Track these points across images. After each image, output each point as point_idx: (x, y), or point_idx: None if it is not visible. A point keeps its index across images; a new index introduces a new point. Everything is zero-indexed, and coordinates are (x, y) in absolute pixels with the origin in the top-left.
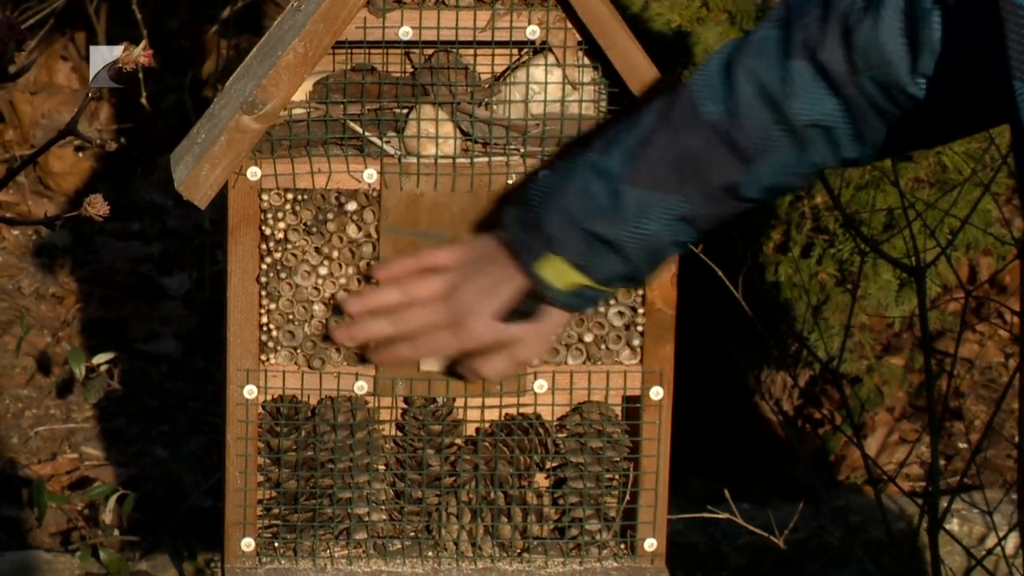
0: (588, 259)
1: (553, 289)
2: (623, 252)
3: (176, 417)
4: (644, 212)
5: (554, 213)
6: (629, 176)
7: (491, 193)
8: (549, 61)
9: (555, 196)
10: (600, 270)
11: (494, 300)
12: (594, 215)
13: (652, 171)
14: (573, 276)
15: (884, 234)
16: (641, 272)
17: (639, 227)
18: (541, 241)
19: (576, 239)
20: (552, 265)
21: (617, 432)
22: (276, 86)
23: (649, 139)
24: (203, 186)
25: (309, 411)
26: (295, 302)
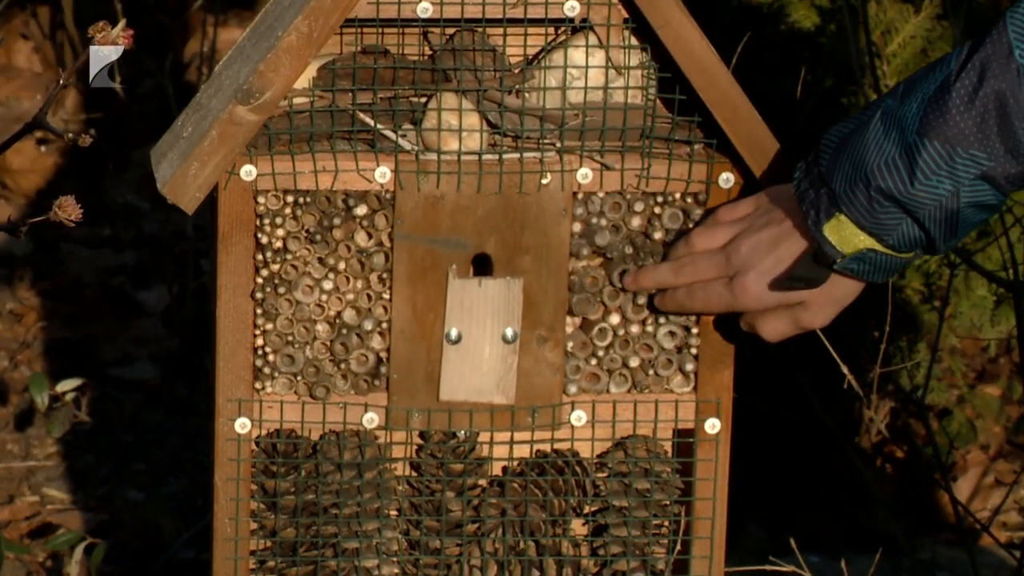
0: (876, 221)
1: (836, 252)
2: (916, 214)
3: (154, 454)
4: (940, 168)
5: (841, 167)
6: (925, 127)
7: (522, 195)
8: (590, 42)
9: (845, 147)
10: (890, 234)
11: (773, 258)
12: (883, 170)
13: (950, 121)
14: (859, 239)
15: (978, 243)
16: (937, 240)
17: (933, 185)
18: (830, 199)
19: (862, 197)
20: (839, 226)
21: (667, 471)
22: (275, 72)
23: (951, 84)
24: (191, 187)
25: (310, 448)
26: (295, 321)
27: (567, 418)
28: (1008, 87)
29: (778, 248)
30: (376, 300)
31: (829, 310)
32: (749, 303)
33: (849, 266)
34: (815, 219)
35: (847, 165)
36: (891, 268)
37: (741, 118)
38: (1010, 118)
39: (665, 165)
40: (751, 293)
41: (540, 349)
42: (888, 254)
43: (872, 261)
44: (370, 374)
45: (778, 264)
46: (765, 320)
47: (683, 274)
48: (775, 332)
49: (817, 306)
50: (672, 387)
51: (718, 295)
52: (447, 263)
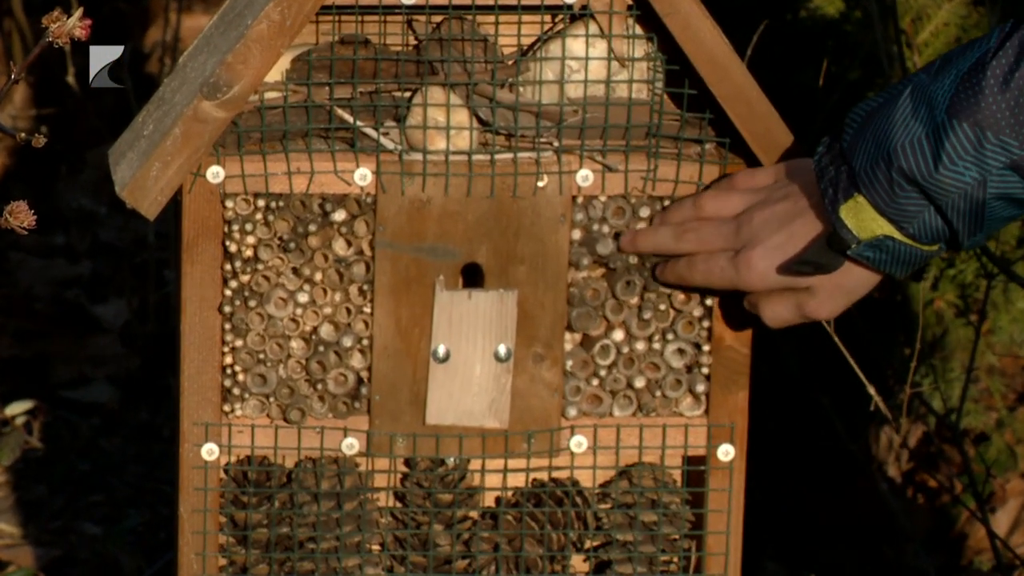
0: (897, 206)
1: (852, 237)
2: (938, 202)
3: (112, 484)
4: (967, 153)
5: (864, 144)
6: (955, 107)
7: (516, 199)
8: (591, 31)
9: (870, 123)
10: (911, 221)
11: (784, 234)
12: (907, 150)
13: (982, 103)
14: (877, 224)
15: (1017, 251)
16: (960, 234)
17: (959, 172)
18: (849, 178)
19: (883, 178)
20: (857, 209)
21: (675, 502)
22: (244, 63)
23: (987, 63)
24: (152, 190)
25: (284, 476)
26: (267, 338)
27: (566, 444)
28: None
29: (791, 224)
30: (356, 314)
31: (837, 300)
32: (753, 281)
33: (864, 253)
34: (832, 199)
35: (870, 142)
36: (911, 260)
37: (756, 115)
38: None
39: (673, 166)
40: (756, 270)
41: (536, 368)
42: (908, 244)
43: (890, 250)
44: (350, 395)
45: (789, 241)
46: (768, 302)
47: (686, 241)
48: (777, 317)
49: (825, 294)
50: (681, 410)
51: (721, 269)
52: (434, 274)
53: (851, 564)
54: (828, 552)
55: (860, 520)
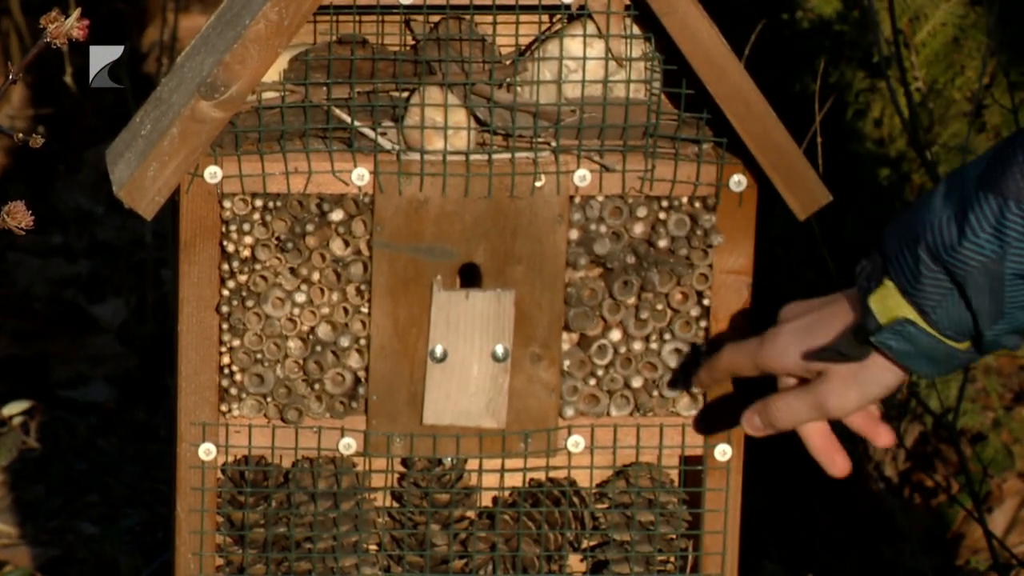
0: (920, 287)
1: (875, 323)
2: (958, 279)
3: (110, 484)
4: (989, 224)
5: (898, 229)
6: (983, 179)
7: (514, 199)
8: (589, 31)
9: (909, 212)
10: (932, 306)
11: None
12: (935, 227)
13: (1009, 172)
14: (901, 309)
15: None
16: (981, 319)
17: (980, 244)
18: (880, 265)
19: (910, 257)
20: (885, 295)
21: (673, 502)
22: (242, 64)
23: (1020, 134)
24: (149, 190)
25: (281, 476)
26: (265, 337)
27: (563, 444)
28: None
29: (822, 310)
30: (353, 314)
31: (851, 392)
32: (772, 356)
33: (886, 341)
34: (864, 288)
35: (904, 227)
36: (937, 357)
37: (754, 114)
38: None
39: (670, 166)
40: (778, 345)
41: (534, 368)
42: (931, 334)
43: (912, 339)
44: (347, 395)
45: (815, 324)
46: (780, 397)
47: None
48: (790, 409)
49: (838, 381)
50: (678, 410)
51: (747, 348)
52: (431, 274)
53: (848, 564)
54: (825, 552)
55: (857, 520)
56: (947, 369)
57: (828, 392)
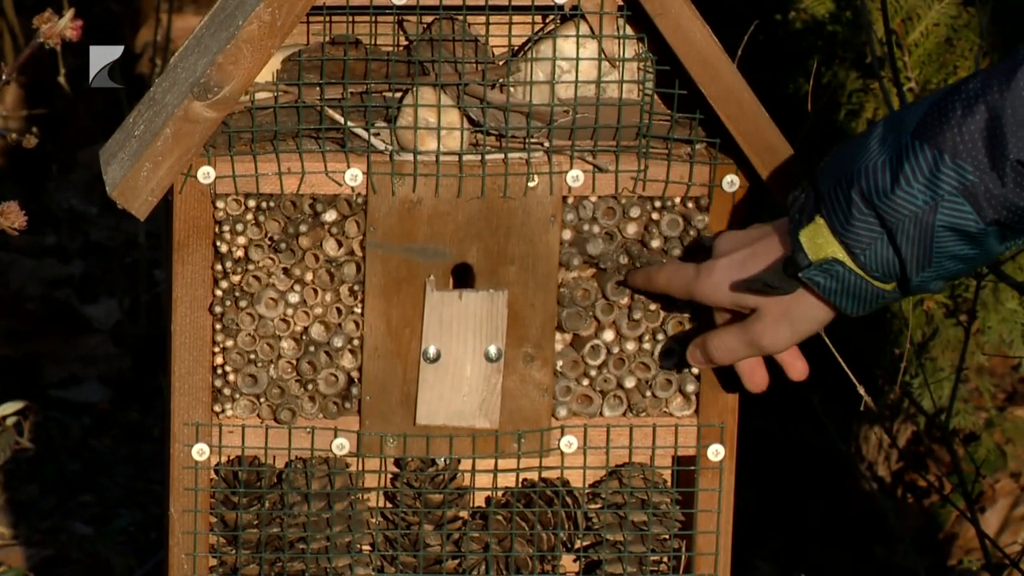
0: (850, 228)
1: (805, 259)
2: (890, 225)
3: (103, 484)
4: (923, 175)
5: (833, 167)
6: (920, 129)
7: (507, 200)
8: (581, 31)
9: (844, 149)
10: (862, 248)
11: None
12: (869, 171)
13: (945, 125)
14: (831, 248)
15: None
16: (908, 266)
17: (912, 194)
18: (813, 201)
19: (842, 198)
20: (816, 231)
21: (665, 502)
22: (235, 64)
23: (958, 89)
24: (143, 191)
25: (275, 476)
26: (258, 338)
27: (556, 444)
28: (1010, 97)
29: (756, 244)
30: (347, 315)
31: (783, 328)
32: (706, 290)
33: (814, 277)
34: (796, 222)
35: (838, 166)
36: (863, 296)
37: (747, 115)
38: (1004, 130)
39: (663, 166)
40: (712, 279)
41: (527, 368)
42: (858, 275)
43: (840, 278)
44: (340, 396)
45: (750, 258)
46: (716, 333)
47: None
48: (725, 344)
49: (771, 318)
50: (671, 410)
51: (683, 273)
52: (424, 274)
53: (841, 564)
54: (818, 552)
55: (850, 520)
56: (871, 307)
57: (762, 330)
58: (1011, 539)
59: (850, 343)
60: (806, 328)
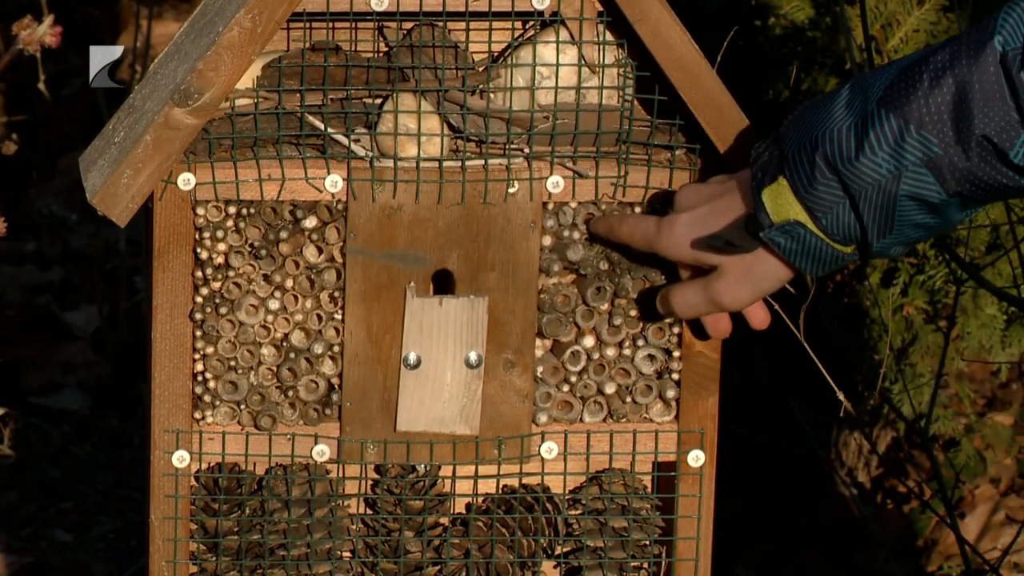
0: (814, 193)
1: (767, 220)
2: (852, 192)
3: (83, 491)
4: (888, 144)
5: (797, 129)
6: (885, 98)
7: (487, 206)
8: (562, 37)
9: (808, 111)
10: (824, 211)
11: (709, 208)
12: (834, 136)
13: (911, 96)
14: (793, 209)
15: (987, 256)
16: (870, 232)
17: (877, 163)
18: (776, 162)
19: (806, 162)
20: (778, 192)
21: (646, 508)
22: (215, 70)
23: (925, 59)
24: (123, 198)
25: (255, 483)
26: (238, 344)
27: (537, 450)
28: (977, 72)
29: (718, 199)
30: (327, 321)
31: (744, 287)
32: (668, 245)
33: (775, 237)
34: (759, 181)
35: (803, 128)
36: (822, 257)
37: (727, 121)
38: (970, 106)
39: (643, 172)
40: (674, 234)
41: (507, 374)
42: (819, 237)
43: (801, 239)
44: (321, 402)
45: (711, 215)
46: (678, 288)
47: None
48: (686, 301)
49: (732, 277)
50: (652, 416)
51: (645, 226)
52: (405, 280)
53: (821, 570)
54: (798, 558)
55: (830, 526)
56: (830, 268)
57: (723, 288)
58: (991, 545)
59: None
60: (767, 286)
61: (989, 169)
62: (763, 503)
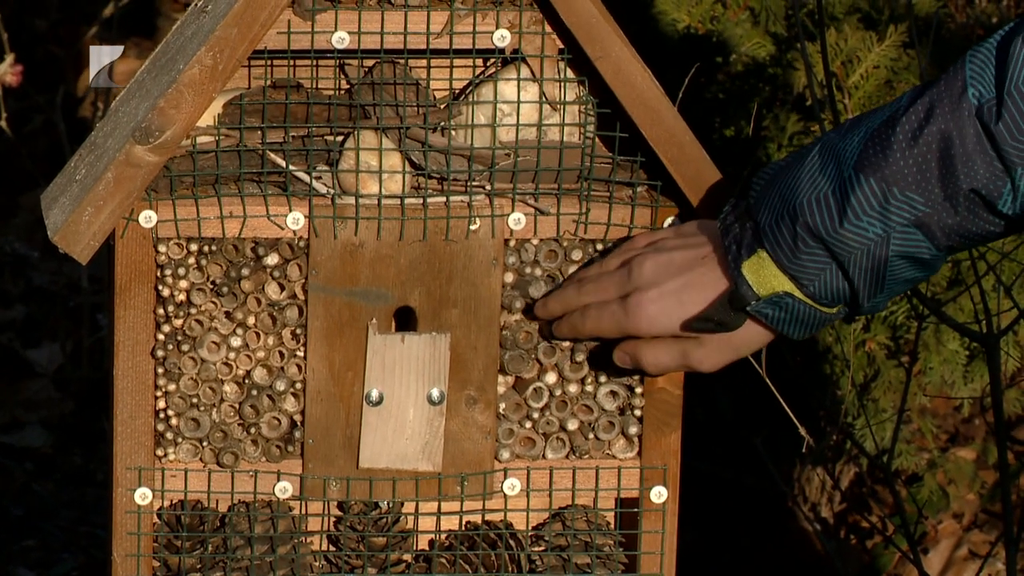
0: (798, 261)
1: (752, 294)
2: (840, 259)
3: (46, 529)
4: (872, 209)
5: (770, 200)
6: (862, 162)
7: (449, 243)
8: (523, 75)
9: (777, 180)
10: (810, 279)
11: (680, 281)
12: (813, 206)
13: (890, 158)
14: (778, 281)
15: (949, 292)
16: (860, 295)
17: (863, 227)
18: (753, 235)
19: (787, 233)
20: (760, 265)
21: (609, 545)
22: (177, 108)
23: (896, 119)
24: (84, 235)
25: (218, 520)
26: (200, 382)
27: (499, 486)
28: (956, 128)
29: (688, 273)
30: (289, 358)
31: (724, 354)
32: (641, 325)
33: (763, 310)
34: (735, 255)
35: (776, 198)
36: (809, 322)
37: (688, 158)
38: (954, 162)
39: (605, 209)
40: (646, 313)
41: (469, 411)
42: (807, 304)
43: (789, 309)
44: (283, 439)
45: (684, 289)
46: (652, 347)
47: (585, 292)
48: (658, 363)
49: (713, 346)
50: (614, 452)
51: (611, 313)
52: (367, 317)
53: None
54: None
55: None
56: (816, 330)
57: (703, 356)
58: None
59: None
60: (747, 351)
61: (978, 220)
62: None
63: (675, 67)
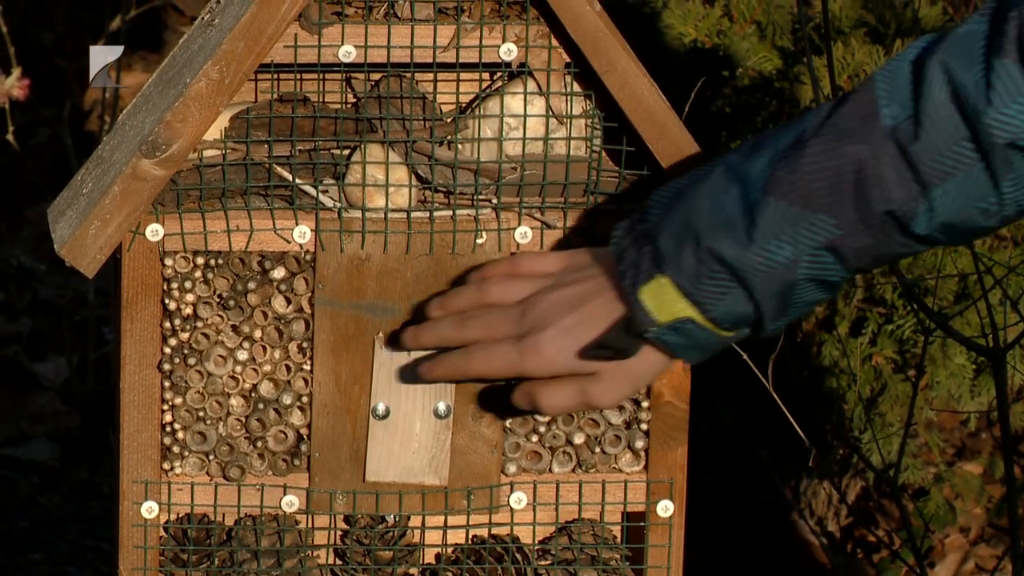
0: (701, 286)
1: (651, 319)
2: (747, 282)
3: (52, 542)
4: (781, 231)
5: (670, 224)
6: (771, 184)
7: (455, 256)
8: (529, 88)
9: (677, 202)
10: (714, 303)
11: (575, 317)
12: (718, 228)
13: (800, 181)
14: (678, 305)
15: (955, 306)
16: (765, 318)
17: (771, 250)
18: (651, 259)
19: (690, 257)
20: (660, 290)
21: (615, 559)
22: (183, 122)
23: (805, 142)
24: (91, 249)
25: (224, 534)
26: (207, 395)
27: (506, 500)
28: (869, 149)
29: (582, 307)
30: (296, 371)
31: (623, 387)
32: (539, 366)
33: (664, 337)
34: (633, 280)
35: (677, 222)
36: (708, 347)
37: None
38: (867, 184)
39: (612, 223)
40: (544, 355)
41: (476, 425)
42: (708, 328)
43: (690, 334)
44: (289, 453)
45: (580, 325)
46: (549, 389)
47: (469, 329)
48: (557, 404)
49: (611, 379)
50: (621, 466)
51: (503, 355)
52: (373, 331)
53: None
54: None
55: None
56: (713, 354)
57: (601, 392)
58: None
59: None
60: (644, 381)
61: (890, 242)
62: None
63: (681, 81)
